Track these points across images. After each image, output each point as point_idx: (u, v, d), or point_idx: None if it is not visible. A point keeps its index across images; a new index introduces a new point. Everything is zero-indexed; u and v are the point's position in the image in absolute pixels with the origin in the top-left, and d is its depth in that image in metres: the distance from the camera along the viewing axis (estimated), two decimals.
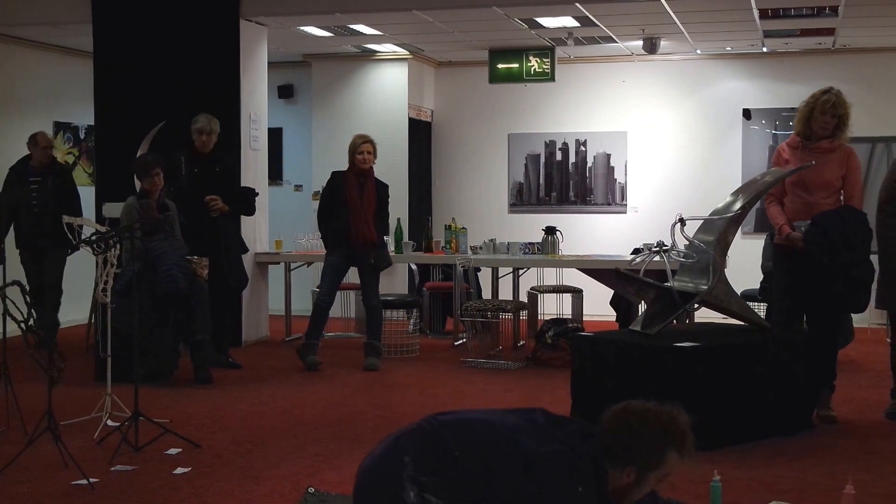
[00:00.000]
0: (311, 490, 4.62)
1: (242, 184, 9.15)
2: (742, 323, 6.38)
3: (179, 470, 5.12)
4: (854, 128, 6.44)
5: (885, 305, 6.51)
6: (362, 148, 8.26)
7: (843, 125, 6.31)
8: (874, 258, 6.34)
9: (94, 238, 6.02)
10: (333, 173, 8.49)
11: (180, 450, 5.51)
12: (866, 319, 10.09)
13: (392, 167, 10.78)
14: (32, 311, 5.20)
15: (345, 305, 10.60)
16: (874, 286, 6.43)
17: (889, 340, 6.81)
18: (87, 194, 9.93)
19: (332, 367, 8.35)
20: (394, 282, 10.95)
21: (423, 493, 3.01)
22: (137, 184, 7.73)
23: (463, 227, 10.00)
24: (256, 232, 9.89)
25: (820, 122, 6.25)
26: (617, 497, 2.95)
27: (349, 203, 8.20)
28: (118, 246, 6.26)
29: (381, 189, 8.42)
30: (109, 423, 5.89)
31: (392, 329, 9.26)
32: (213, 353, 7.92)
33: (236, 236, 8.60)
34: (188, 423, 6.16)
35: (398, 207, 10.44)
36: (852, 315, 7.67)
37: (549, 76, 11.58)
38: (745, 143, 11.76)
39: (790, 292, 6.45)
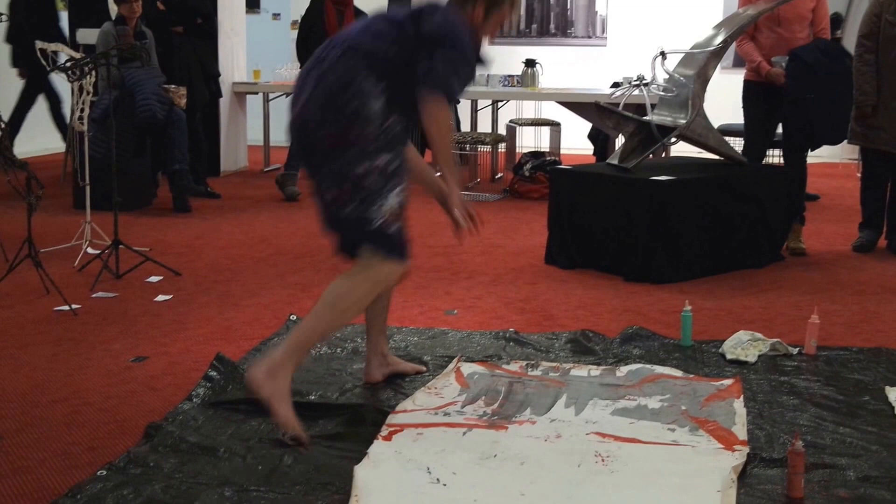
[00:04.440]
0: (293, 318, 4.72)
1: (219, 13, 8.97)
2: (719, 157, 6.43)
3: (161, 297, 5.19)
4: None
5: (857, 140, 6.55)
6: None
7: None
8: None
9: (68, 64, 5.94)
10: (312, 1, 8.34)
11: (161, 277, 5.58)
12: (838, 155, 10.18)
13: None
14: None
15: None
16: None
17: (860, 175, 6.89)
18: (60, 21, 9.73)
19: (311, 198, 8.35)
20: None
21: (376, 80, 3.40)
22: (113, 9, 7.57)
23: None
24: (234, 61, 9.75)
25: None
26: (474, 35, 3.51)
27: (329, 33, 8.07)
28: (94, 73, 6.19)
29: (361, 17, 8.28)
30: (90, 250, 5.93)
31: None
32: (192, 182, 7.93)
33: (192, 57, 8.41)
34: (168, 252, 6.22)
35: None
36: (826, 149, 7.75)
37: None
38: None
39: (765, 127, 6.51)
